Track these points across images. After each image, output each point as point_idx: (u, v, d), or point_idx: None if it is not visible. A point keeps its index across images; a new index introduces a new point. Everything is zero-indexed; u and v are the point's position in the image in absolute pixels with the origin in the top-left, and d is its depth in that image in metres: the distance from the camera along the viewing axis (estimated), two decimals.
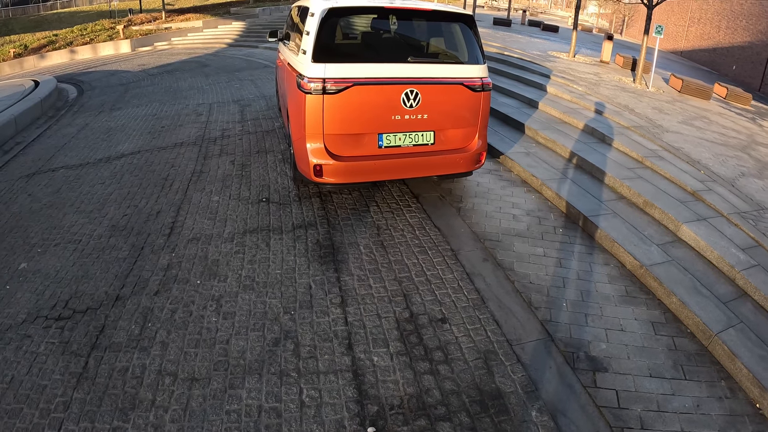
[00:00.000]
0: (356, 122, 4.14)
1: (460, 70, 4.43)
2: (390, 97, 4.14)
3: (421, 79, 4.21)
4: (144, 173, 5.77)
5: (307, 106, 3.97)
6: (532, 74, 10.75)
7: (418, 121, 4.28)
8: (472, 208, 4.83)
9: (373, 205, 4.80)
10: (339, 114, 4.07)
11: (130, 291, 3.55)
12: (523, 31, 22.56)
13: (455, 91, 4.40)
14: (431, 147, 4.38)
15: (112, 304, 3.41)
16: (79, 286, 3.64)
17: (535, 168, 5.70)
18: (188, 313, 3.33)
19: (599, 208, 4.89)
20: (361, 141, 4.20)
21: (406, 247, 4.11)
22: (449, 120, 4.45)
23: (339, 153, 4.15)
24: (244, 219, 4.55)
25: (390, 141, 4.25)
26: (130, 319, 3.26)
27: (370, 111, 4.15)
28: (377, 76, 4.09)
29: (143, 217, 4.63)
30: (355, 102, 4.07)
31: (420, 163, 4.37)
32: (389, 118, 4.19)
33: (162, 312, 3.32)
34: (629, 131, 7.25)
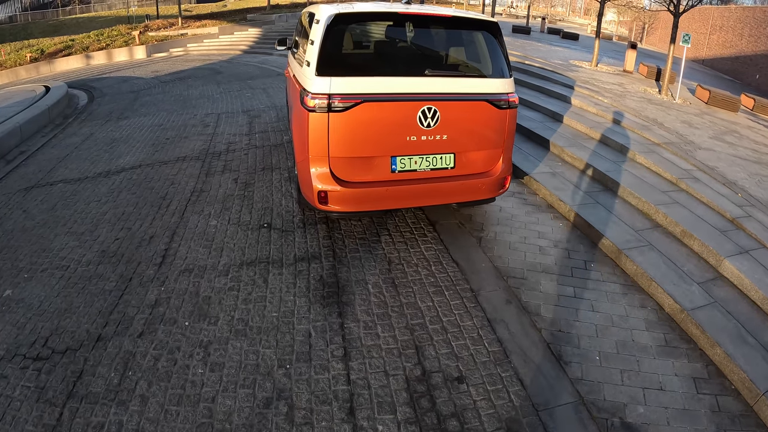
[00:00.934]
0: (366, 144, 3.70)
1: (483, 84, 3.96)
2: (405, 115, 3.69)
3: (440, 95, 3.76)
4: (142, 191, 5.44)
5: (311, 126, 3.56)
6: (554, 85, 10.27)
7: (437, 142, 3.83)
8: (494, 238, 4.38)
9: (385, 233, 4.38)
10: (347, 134, 3.63)
11: (113, 330, 3.19)
12: (542, 38, 22.04)
13: (478, 109, 3.94)
14: (451, 171, 3.92)
15: (93, 345, 3.06)
16: (61, 321, 3.30)
17: (562, 191, 5.22)
18: (173, 361, 2.95)
19: (634, 239, 4.41)
20: (371, 164, 3.75)
21: (420, 287, 3.67)
22: (471, 141, 3.99)
23: (347, 178, 3.70)
24: (242, 248, 4.16)
25: (405, 165, 3.80)
26: (110, 365, 2.91)
27: (383, 131, 3.70)
28: (390, 91, 3.65)
29: (135, 242, 4.29)
30: (365, 121, 3.63)
31: (438, 189, 3.92)
32: (404, 139, 3.74)
33: (144, 359, 2.96)
34: (660, 148, 6.74)
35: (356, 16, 3.91)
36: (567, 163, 6.17)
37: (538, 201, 5.21)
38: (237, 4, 38.65)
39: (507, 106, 4.01)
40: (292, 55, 5.49)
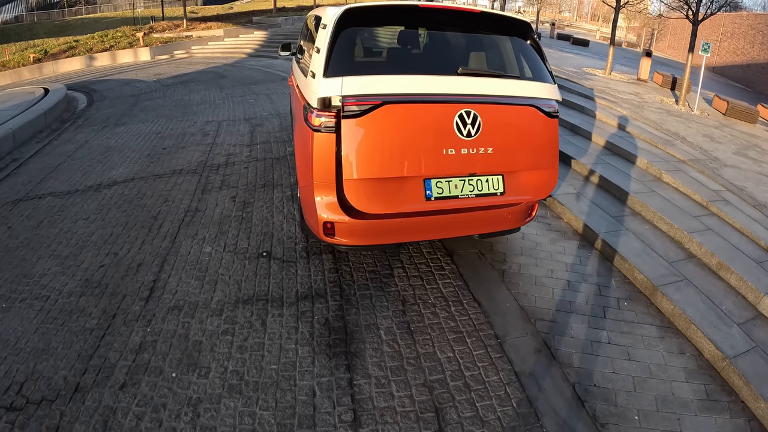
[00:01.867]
0: (391, 160, 3.00)
1: (529, 87, 3.34)
2: (439, 121, 3.03)
3: (479, 97, 3.12)
4: (133, 208, 5.04)
5: (316, 148, 3.07)
6: (571, 95, 9.87)
7: (481, 157, 3.12)
8: (518, 271, 3.96)
9: (398, 265, 3.96)
10: (365, 148, 2.96)
11: (93, 380, 2.79)
12: (552, 44, 21.65)
13: (526, 116, 3.29)
14: (500, 198, 3.23)
15: (71, 396, 2.67)
16: (38, 363, 2.91)
17: (588, 216, 4.81)
18: (157, 422, 2.54)
19: (669, 273, 4.00)
20: (399, 190, 3.04)
21: (438, 332, 3.25)
22: (522, 157, 3.31)
23: (366, 208, 3.03)
24: (238, 282, 3.74)
25: (442, 190, 3.09)
26: (89, 422, 2.51)
27: (411, 142, 3.01)
28: (418, 92, 3.02)
29: (122, 270, 3.85)
30: (388, 129, 2.97)
31: (470, 219, 3.39)
32: (439, 153, 3.02)
33: (126, 417, 2.55)
34: (686, 166, 6.33)
35: (369, 11, 3.27)
36: (591, 183, 5.76)
37: (563, 227, 4.79)
38: (243, 7, 38.36)
39: (556, 114, 3.46)
40: (296, 63, 4.99)
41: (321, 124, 2.99)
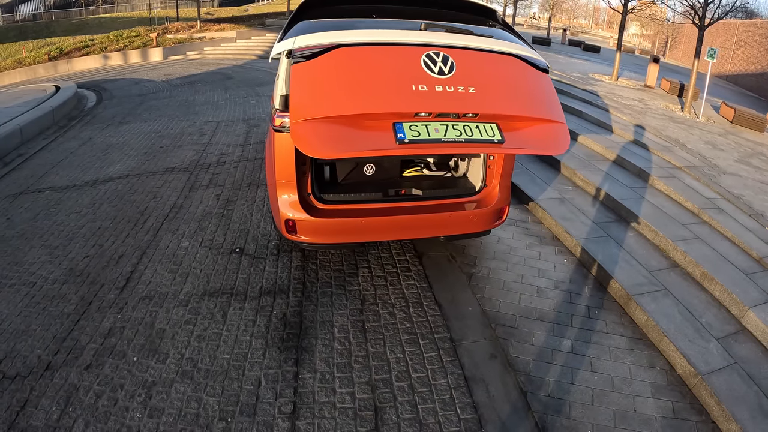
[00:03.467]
0: (348, 98, 2.65)
1: (506, 44, 3.07)
2: (402, 61, 2.74)
3: (449, 46, 2.84)
4: (123, 204, 5.20)
5: (277, 147, 3.17)
6: (571, 99, 9.76)
7: (461, 96, 2.72)
8: (486, 275, 3.92)
9: (364, 265, 3.95)
10: (317, 89, 2.66)
11: (63, 359, 2.96)
12: (563, 50, 21.48)
13: (511, 65, 3.00)
14: (498, 147, 2.78)
15: (41, 373, 2.86)
16: (17, 343, 3.10)
17: (569, 221, 4.73)
18: (113, 401, 2.68)
19: (646, 282, 3.91)
20: (363, 131, 2.64)
21: (392, 333, 3.23)
22: (516, 104, 2.94)
23: (323, 152, 2.57)
24: (207, 275, 3.81)
25: (419, 133, 2.65)
26: (54, 397, 2.69)
27: (371, 81, 2.71)
28: (377, 40, 2.79)
29: (104, 260, 4.04)
30: (342, 70, 2.70)
31: (432, 221, 3.40)
32: (408, 89, 2.67)
33: (87, 395, 2.71)
34: (682, 173, 6.20)
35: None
36: (578, 187, 5.68)
37: (543, 231, 4.73)
38: (258, 9, 38.80)
39: (547, 69, 3.13)
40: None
41: (281, 124, 3.04)
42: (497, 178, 3.63)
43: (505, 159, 3.59)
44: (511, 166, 3.67)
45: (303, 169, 3.25)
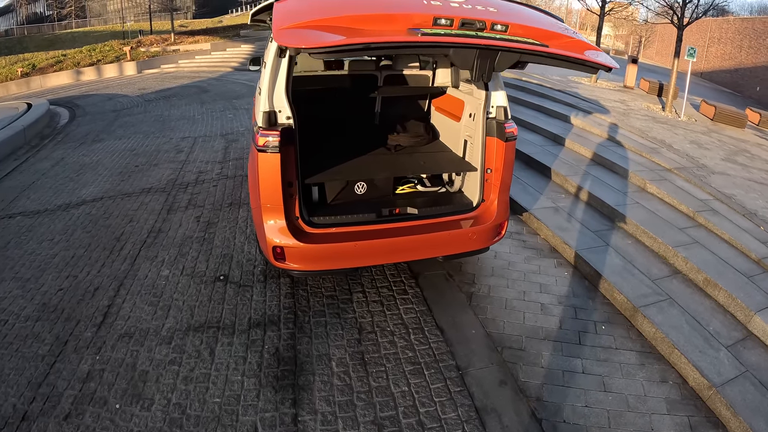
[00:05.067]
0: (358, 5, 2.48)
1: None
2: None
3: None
4: (98, 229, 4.89)
5: (261, 169, 2.95)
6: (554, 103, 9.72)
7: (486, 12, 2.57)
8: (487, 294, 3.74)
9: (358, 290, 3.74)
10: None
11: (40, 408, 2.70)
12: None
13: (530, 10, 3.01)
14: (541, 48, 2.46)
15: (18, 425, 2.60)
16: None
17: (566, 231, 4.59)
18: None
19: (651, 292, 3.78)
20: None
21: (394, 364, 3.02)
22: (549, 26, 2.81)
23: (330, 39, 2.19)
24: (191, 307, 3.55)
25: (438, 33, 2.37)
26: None
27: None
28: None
29: (79, 294, 3.74)
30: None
31: (427, 241, 3.25)
32: (421, 3, 2.50)
33: None
34: (672, 175, 6.14)
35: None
36: (571, 194, 5.56)
37: (540, 243, 4.58)
38: (232, 20, 38.36)
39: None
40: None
41: (266, 143, 2.82)
42: (495, 192, 3.48)
43: (503, 172, 3.44)
44: (510, 179, 3.53)
45: (290, 191, 3.04)
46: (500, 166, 3.41)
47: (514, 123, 3.46)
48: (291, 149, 2.98)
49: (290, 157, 2.98)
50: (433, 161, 3.90)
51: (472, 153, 3.72)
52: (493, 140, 3.44)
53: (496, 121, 3.43)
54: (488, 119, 3.45)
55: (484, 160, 3.46)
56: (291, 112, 3.00)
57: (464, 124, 3.93)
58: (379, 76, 4.65)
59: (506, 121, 3.41)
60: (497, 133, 3.42)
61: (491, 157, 3.45)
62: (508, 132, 3.38)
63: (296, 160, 3.03)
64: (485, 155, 3.46)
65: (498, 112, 3.45)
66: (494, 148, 3.43)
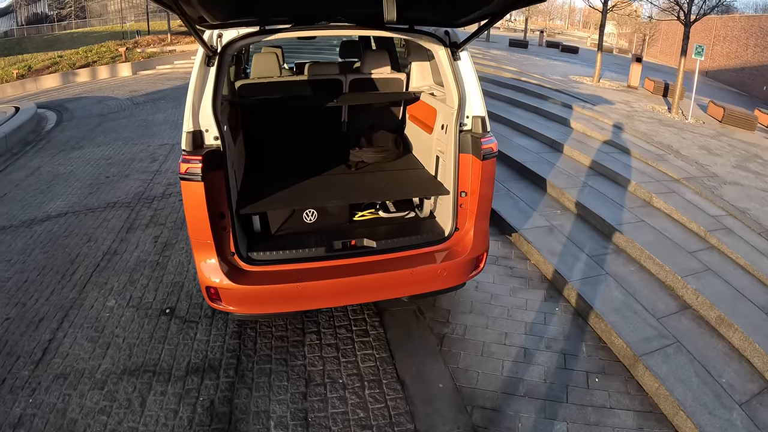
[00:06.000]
0: None
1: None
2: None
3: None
4: (55, 249, 4.63)
5: (186, 199, 2.53)
6: (553, 105, 9.22)
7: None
8: (462, 336, 3.26)
9: (312, 329, 3.28)
10: None
11: None
12: (541, 53, 21.07)
13: None
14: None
15: None
16: None
17: (560, 256, 4.10)
18: None
19: (655, 335, 3.30)
20: None
21: (341, 426, 2.56)
22: None
23: None
24: (130, 346, 3.20)
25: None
26: None
27: None
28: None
29: (24, 325, 3.51)
30: None
31: (385, 281, 2.81)
32: None
33: None
34: (681, 186, 5.64)
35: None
36: (568, 210, 5.06)
37: (529, 271, 4.09)
38: None
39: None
40: None
41: (188, 170, 2.37)
42: (471, 219, 2.98)
43: (480, 195, 2.95)
44: (489, 203, 3.03)
45: (222, 223, 2.61)
46: (476, 188, 2.89)
47: (493, 137, 2.92)
48: (219, 175, 2.55)
49: (219, 184, 2.55)
50: (397, 183, 3.39)
51: (445, 172, 3.20)
52: (467, 158, 2.91)
53: (471, 134, 2.91)
54: (462, 132, 2.93)
55: (458, 181, 2.95)
56: (219, 131, 2.54)
57: (436, 137, 3.40)
58: (344, 81, 4.13)
59: (483, 135, 2.88)
60: (473, 149, 2.89)
61: (466, 177, 2.93)
62: (485, 148, 2.84)
63: (227, 188, 2.58)
64: (458, 175, 2.95)
65: (474, 123, 2.93)
66: (469, 166, 2.91)
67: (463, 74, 2.93)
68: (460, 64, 2.94)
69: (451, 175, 2.98)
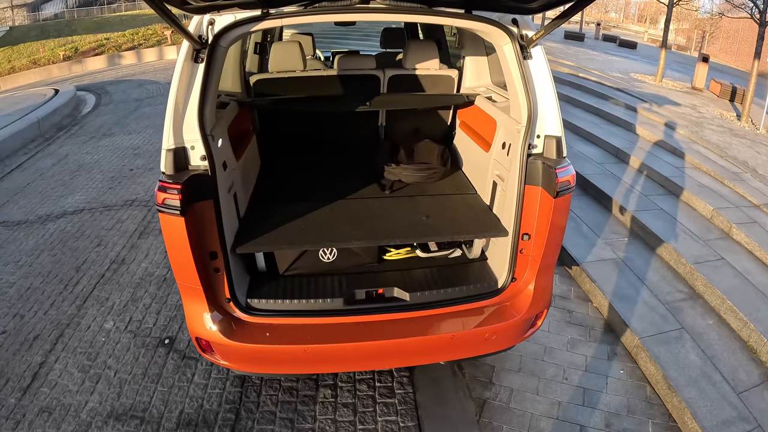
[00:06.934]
0: None
1: None
2: None
3: None
4: (63, 253, 4.38)
5: (166, 235, 2.01)
6: (615, 107, 8.40)
7: None
8: (506, 404, 2.68)
9: (327, 382, 2.76)
10: None
11: None
12: (597, 46, 19.84)
13: None
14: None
15: None
16: None
17: (628, 302, 3.42)
18: None
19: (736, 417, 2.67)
20: None
21: None
22: None
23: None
24: (121, 382, 2.85)
25: None
26: None
27: None
28: None
29: (19, 341, 3.27)
30: None
31: (416, 347, 2.23)
32: None
33: None
34: (762, 215, 4.88)
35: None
36: (636, 237, 4.35)
37: (591, 317, 3.43)
38: None
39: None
40: None
41: (165, 200, 1.88)
42: (533, 269, 2.34)
43: (548, 242, 2.26)
44: (556, 251, 2.38)
45: (214, 264, 2.11)
46: (544, 231, 2.24)
47: (570, 165, 2.19)
48: (208, 206, 2.03)
49: (207, 217, 2.03)
50: (443, 215, 2.69)
51: (503, 203, 2.52)
52: (535, 191, 2.23)
53: (543, 160, 2.21)
54: (530, 156, 2.25)
55: (520, 220, 2.30)
56: (207, 149, 2.01)
57: (494, 158, 2.70)
58: (381, 78, 3.48)
59: (559, 163, 2.17)
60: (543, 182, 2.20)
61: (531, 216, 2.27)
62: (561, 181, 2.11)
63: (219, 222, 2.07)
64: (521, 213, 2.29)
65: (547, 145, 2.24)
66: (537, 203, 2.24)
67: (536, 78, 2.22)
68: (532, 64, 2.22)
69: (512, 210, 2.32)
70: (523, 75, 2.19)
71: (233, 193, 2.41)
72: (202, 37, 2.01)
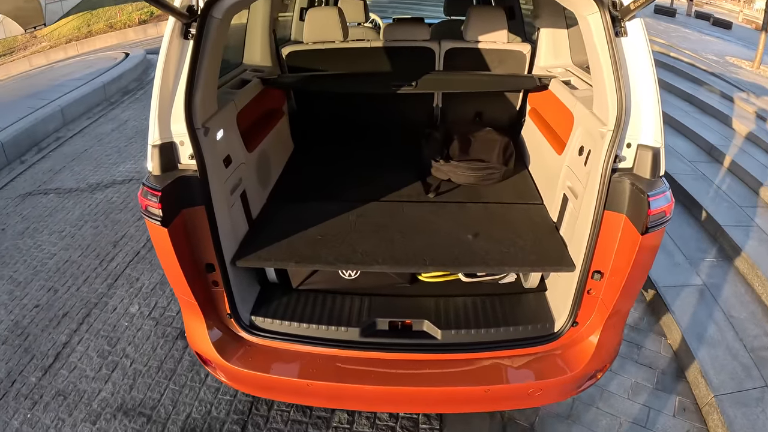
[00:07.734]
0: None
1: None
2: None
3: None
4: (105, 226, 4.40)
5: (155, 242, 1.74)
6: (710, 94, 7.40)
7: None
8: None
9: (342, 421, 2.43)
10: None
11: None
12: (689, 24, 17.94)
13: None
14: None
15: None
16: None
17: (709, 344, 2.82)
18: None
19: None
20: None
21: None
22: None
23: None
24: (135, 374, 2.78)
25: None
26: None
27: None
28: None
29: (49, 316, 3.30)
30: None
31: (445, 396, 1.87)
32: None
33: None
34: None
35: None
36: (726, 260, 3.64)
37: (662, 356, 2.85)
38: None
39: None
40: None
41: (149, 207, 1.61)
42: (602, 315, 1.83)
43: (626, 285, 1.71)
44: (634, 296, 1.85)
45: (211, 277, 1.82)
46: (623, 272, 1.69)
47: (668, 190, 1.61)
48: (200, 214, 1.71)
49: (200, 226, 1.72)
50: (493, 233, 2.15)
51: (573, 227, 1.97)
52: (617, 219, 1.67)
53: (632, 180, 1.63)
54: (615, 171, 1.66)
55: (592, 254, 1.75)
56: (195, 146, 1.67)
57: (567, 164, 2.14)
58: (436, 51, 2.99)
59: (654, 185, 1.59)
60: (629, 209, 1.64)
61: (608, 250, 1.71)
62: (654, 212, 1.55)
63: (214, 230, 1.76)
64: (595, 245, 1.73)
65: (640, 159, 1.64)
66: (617, 234, 1.67)
67: (631, 65, 1.62)
68: (627, 44, 1.62)
69: (583, 239, 1.78)
70: (614, 58, 1.59)
71: (241, 192, 2.10)
72: (191, 7, 1.59)
